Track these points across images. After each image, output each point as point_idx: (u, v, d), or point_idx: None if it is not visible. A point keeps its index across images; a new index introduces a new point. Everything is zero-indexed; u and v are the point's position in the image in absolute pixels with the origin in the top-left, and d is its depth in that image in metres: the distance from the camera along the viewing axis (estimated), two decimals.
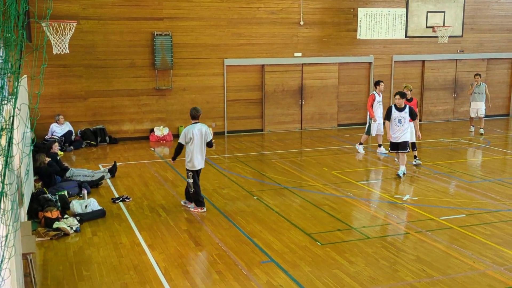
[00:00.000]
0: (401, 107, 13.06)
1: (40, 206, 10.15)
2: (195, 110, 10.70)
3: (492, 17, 21.82)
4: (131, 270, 8.03)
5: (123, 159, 15.32)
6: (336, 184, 12.54)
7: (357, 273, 7.83)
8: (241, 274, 7.86)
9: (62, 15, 16.48)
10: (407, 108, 13.05)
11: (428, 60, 21.35)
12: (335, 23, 19.80)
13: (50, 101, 17.11)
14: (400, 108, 13.07)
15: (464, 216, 10.32)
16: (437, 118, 21.76)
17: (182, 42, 18.15)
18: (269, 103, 19.52)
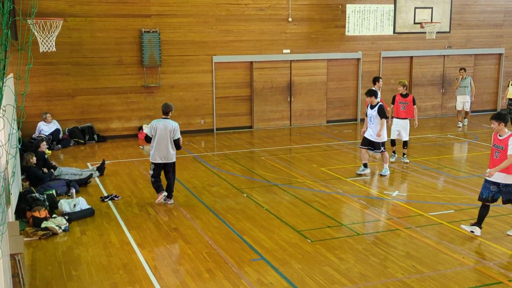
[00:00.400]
0: (372, 105, 12.87)
1: (28, 205, 10.06)
2: (165, 106, 10.97)
3: (479, 12, 21.92)
4: (121, 269, 7.99)
5: (112, 157, 15.23)
6: (326, 181, 12.55)
7: (347, 270, 7.84)
8: (232, 272, 7.84)
9: (49, 12, 16.33)
10: (377, 107, 12.77)
11: (416, 56, 21.40)
12: (323, 19, 19.79)
13: (37, 99, 16.96)
14: (372, 106, 12.88)
15: (453, 212, 10.37)
16: (426, 114, 21.83)
17: (170, 39, 18.07)
18: (258, 100, 19.49)
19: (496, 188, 8.88)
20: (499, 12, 22.25)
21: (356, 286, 7.35)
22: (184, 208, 10.74)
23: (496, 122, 8.79)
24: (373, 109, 12.82)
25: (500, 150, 8.76)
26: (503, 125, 8.78)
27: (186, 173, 13.46)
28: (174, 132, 10.68)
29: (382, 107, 12.82)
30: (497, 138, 8.86)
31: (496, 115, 8.84)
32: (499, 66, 22.77)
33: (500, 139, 8.79)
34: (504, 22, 22.41)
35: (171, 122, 10.74)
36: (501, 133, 8.82)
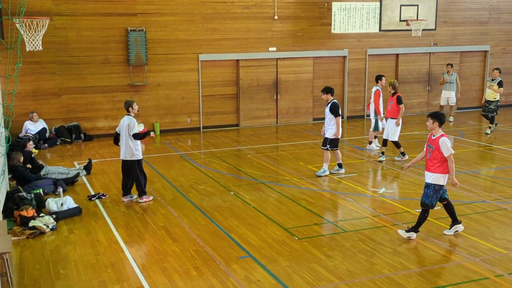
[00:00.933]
0: (327, 102, 12.79)
1: (15, 204, 10.02)
2: (124, 102, 11.22)
3: (465, 10, 22.09)
4: (109, 268, 7.99)
5: (99, 156, 15.19)
6: (313, 178, 12.60)
7: (334, 267, 7.90)
8: (219, 269, 7.87)
9: (35, 11, 16.22)
10: (330, 104, 12.67)
11: (402, 54, 21.53)
12: (309, 17, 19.84)
13: (24, 98, 16.85)
14: (327, 103, 12.84)
15: (439, 208, 10.43)
16: (412, 111, 21.96)
17: (156, 37, 18.03)
18: (244, 98, 19.51)
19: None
20: (484, 10, 22.44)
21: (343, 282, 7.41)
22: (171, 207, 10.75)
23: (431, 119, 8.73)
24: (327, 106, 12.80)
25: (431, 150, 8.73)
26: (437, 124, 8.68)
27: (173, 171, 13.46)
28: (129, 127, 10.79)
29: (334, 104, 12.63)
30: (430, 138, 8.81)
31: (433, 113, 8.78)
32: (485, 63, 22.97)
33: (432, 139, 8.74)
34: (489, 20, 22.61)
35: (128, 118, 10.92)
36: (435, 133, 8.75)
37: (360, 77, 21.10)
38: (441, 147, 8.58)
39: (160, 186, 12.23)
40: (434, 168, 8.66)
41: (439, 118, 8.72)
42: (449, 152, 8.56)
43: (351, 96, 21.09)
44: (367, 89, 21.19)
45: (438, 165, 8.63)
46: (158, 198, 11.28)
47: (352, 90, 21.07)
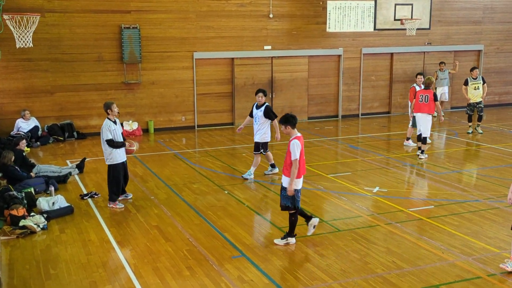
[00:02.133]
0: (260, 104, 12.23)
1: (5, 203, 9.93)
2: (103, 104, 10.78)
3: (459, 9, 22.08)
4: (100, 268, 7.91)
5: (92, 154, 15.09)
6: (307, 177, 12.53)
7: (328, 266, 7.85)
8: (212, 269, 7.81)
9: (26, 7, 16.12)
10: (263, 107, 12.15)
11: (396, 53, 21.51)
12: (304, 15, 19.79)
13: (16, 96, 16.75)
14: (258, 105, 12.26)
15: (432, 208, 10.43)
16: (407, 110, 21.90)
17: (151, 35, 17.94)
18: (239, 96, 19.44)
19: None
20: (478, 9, 22.45)
21: (337, 282, 7.36)
22: (165, 206, 10.67)
23: (283, 126, 8.57)
24: (259, 109, 12.23)
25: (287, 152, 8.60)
26: (290, 128, 8.53)
27: (166, 170, 13.38)
28: (102, 132, 10.43)
29: (269, 108, 12.23)
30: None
31: (282, 118, 8.58)
32: (479, 62, 22.97)
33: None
34: (483, 19, 22.61)
35: (104, 122, 10.48)
36: (291, 135, 8.59)
37: (355, 76, 21.07)
38: (290, 149, 8.42)
39: (154, 185, 12.15)
40: (287, 172, 8.49)
41: (288, 121, 8.51)
42: (295, 156, 8.34)
43: (346, 95, 21.06)
44: (362, 88, 21.17)
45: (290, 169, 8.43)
46: (152, 197, 11.21)
47: (347, 89, 21.03)
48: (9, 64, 16.40)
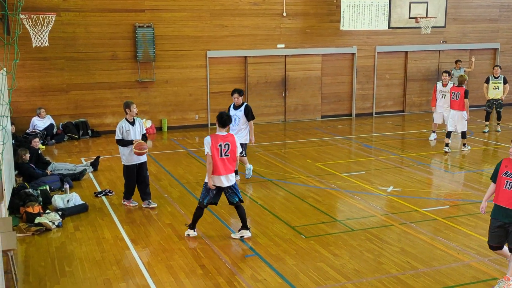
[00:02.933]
0: (238, 105, 11.87)
1: (21, 201, 10.00)
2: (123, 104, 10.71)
3: (475, 7, 21.89)
4: (114, 266, 7.95)
5: (106, 152, 15.16)
6: (320, 176, 12.52)
7: (341, 266, 7.82)
8: (225, 268, 7.81)
9: (42, 7, 16.23)
10: (243, 107, 11.84)
11: (411, 51, 21.36)
12: (318, 14, 19.73)
13: (31, 94, 16.88)
14: (236, 106, 11.90)
15: (448, 208, 10.36)
16: (421, 109, 21.82)
17: (164, 34, 17.98)
18: (252, 95, 19.44)
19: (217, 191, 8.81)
20: (495, 7, 22.23)
21: (350, 282, 7.34)
22: (178, 204, 10.70)
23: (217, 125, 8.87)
24: (238, 109, 11.86)
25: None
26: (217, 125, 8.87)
27: (180, 168, 13.41)
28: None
29: (249, 107, 11.93)
30: None
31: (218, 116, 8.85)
32: (495, 61, 22.74)
33: None
34: (500, 17, 22.40)
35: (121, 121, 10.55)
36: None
37: (369, 75, 20.98)
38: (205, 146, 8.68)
39: (167, 183, 12.19)
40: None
41: (218, 121, 8.86)
42: (205, 151, 8.64)
43: (360, 94, 20.97)
44: (376, 87, 21.08)
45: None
46: (165, 195, 11.24)
47: (361, 87, 20.95)
48: (25, 63, 16.52)
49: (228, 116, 8.94)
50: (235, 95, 11.83)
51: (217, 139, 8.68)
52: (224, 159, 8.64)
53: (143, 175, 10.57)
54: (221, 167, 8.62)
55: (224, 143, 8.66)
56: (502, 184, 6.96)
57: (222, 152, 8.63)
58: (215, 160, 8.59)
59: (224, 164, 8.64)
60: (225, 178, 8.67)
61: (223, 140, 8.69)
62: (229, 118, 8.95)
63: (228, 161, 8.67)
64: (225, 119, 8.86)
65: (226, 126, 8.91)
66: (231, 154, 8.68)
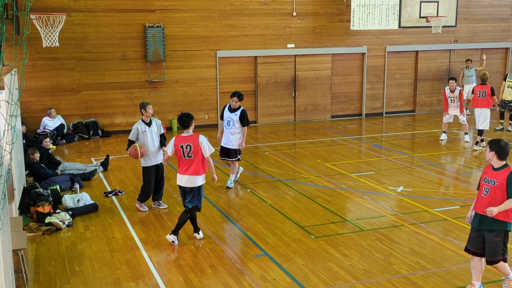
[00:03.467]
0: (234, 108, 11.50)
1: (32, 200, 10.06)
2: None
3: (486, 6, 21.75)
4: (124, 265, 7.97)
5: (116, 152, 15.21)
6: (330, 176, 12.49)
7: (351, 266, 7.79)
8: (235, 268, 7.81)
9: (53, 7, 16.32)
10: (239, 111, 11.45)
11: (421, 51, 21.27)
12: (328, 13, 19.69)
13: (42, 94, 16.97)
14: (233, 109, 11.52)
15: (458, 208, 10.30)
16: (431, 109, 21.72)
17: (174, 34, 18.02)
18: (262, 95, 19.43)
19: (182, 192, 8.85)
20: (506, 6, 22.08)
21: (360, 282, 7.31)
22: None
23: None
24: (233, 112, 11.50)
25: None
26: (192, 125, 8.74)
27: None
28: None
29: (245, 112, 11.53)
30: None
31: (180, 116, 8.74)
32: (506, 60, 22.61)
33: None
34: (511, 16, 22.23)
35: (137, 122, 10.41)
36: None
37: (379, 74, 20.90)
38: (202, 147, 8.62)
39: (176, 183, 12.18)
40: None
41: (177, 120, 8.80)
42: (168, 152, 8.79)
43: (370, 94, 20.91)
44: (386, 86, 21.00)
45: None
46: (175, 195, 11.26)
47: (371, 87, 20.88)
48: (35, 63, 16.61)
49: (187, 116, 8.68)
50: (235, 98, 11.45)
51: (179, 140, 8.62)
52: (187, 160, 8.56)
53: (159, 176, 10.46)
54: (184, 167, 8.59)
55: (185, 144, 8.54)
56: (481, 191, 6.72)
57: (184, 153, 8.56)
58: (179, 161, 8.63)
59: (188, 166, 8.56)
60: (186, 178, 8.60)
61: (184, 141, 8.58)
62: (188, 118, 8.65)
63: (192, 162, 8.54)
64: (184, 119, 8.64)
65: (186, 127, 8.64)
66: (194, 155, 8.51)
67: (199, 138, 8.59)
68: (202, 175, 8.65)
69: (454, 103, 15.77)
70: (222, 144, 11.73)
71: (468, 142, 15.84)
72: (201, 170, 8.60)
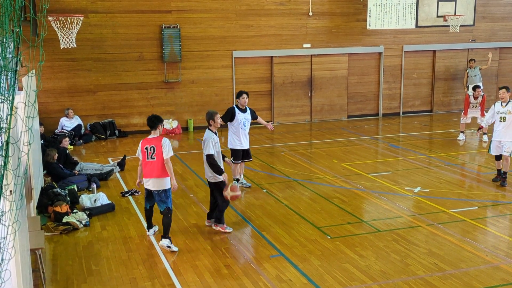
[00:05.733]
0: (244, 108, 11.36)
1: (49, 200, 10.15)
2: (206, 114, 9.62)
3: (505, 5, 21.52)
4: (140, 265, 8.00)
5: (132, 152, 15.25)
6: (346, 177, 12.43)
7: (367, 267, 7.75)
8: (250, 268, 7.80)
9: (71, 9, 16.45)
10: (249, 110, 11.41)
11: (439, 50, 21.10)
12: (344, 13, 19.61)
13: (60, 95, 17.12)
14: (243, 109, 11.36)
15: (476, 209, 10.19)
16: (449, 109, 21.55)
17: (191, 34, 18.07)
18: (278, 95, 19.41)
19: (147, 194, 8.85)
20: None
21: (376, 283, 7.26)
22: (203, 204, 10.73)
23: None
24: (246, 112, 11.34)
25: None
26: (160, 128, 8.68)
27: None
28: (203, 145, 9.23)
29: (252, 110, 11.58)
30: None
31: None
32: None
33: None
34: None
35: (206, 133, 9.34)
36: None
37: (396, 74, 20.78)
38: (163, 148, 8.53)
39: (193, 183, 12.24)
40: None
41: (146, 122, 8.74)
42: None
43: (387, 93, 20.79)
44: (403, 86, 20.87)
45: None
46: (191, 195, 11.29)
47: (388, 87, 20.76)
48: (53, 64, 16.76)
49: (156, 117, 8.67)
50: (245, 95, 11.30)
51: (145, 142, 8.65)
52: (149, 162, 8.55)
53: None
54: (147, 169, 8.58)
55: (150, 146, 8.54)
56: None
57: (148, 155, 8.56)
58: (143, 163, 8.64)
59: (151, 168, 8.54)
60: (150, 182, 8.60)
61: (149, 143, 8.60)
62: (156, 120, 8.63)
63: (154, 164, 8.51)
64: (152, 120, 8.64)
65: (154, 128, 8.62)
66: (156, 157, 8.49)
67: (162, 140, 8.55)
68: (167, 177, 8.60)
69: (475, 108, 15.81)
70: (242, 148, 11.38)
71: (487, 142, 15.68)
72: (165, 173, 8.57)
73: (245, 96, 11.35)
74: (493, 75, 21.80)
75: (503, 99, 11.48)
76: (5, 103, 3.14)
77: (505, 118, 11.30)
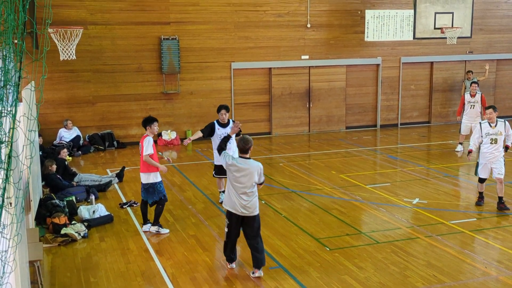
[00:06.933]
0: (224, 123, 11.03)
1: (48, 212, 10.14)
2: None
3: (501, 17, 21.65)
4: (139, 277, 7.99)
5: (131, 163, 15.29)
6: (345, 188, 12.45)
7: (366, 279, 7.74)
8: (249, 280, 7.79)
9: (70, 20, 16.52)
10: (230, 123, 10.93)
11: (436, 62, 21.20)
12: (342, 25, 19.71)
13: (58, 106, 17.14)
14: (224, 123, 11.03)
15: (475, 220, 10.20)
16: (447, 120, 21.60)
17: (189, 46, 18.14)
18: (277, 106, 19.46)
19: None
20: None
21: None
22: (202, 215, 10.73)
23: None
24: (227, 127, 10.90)
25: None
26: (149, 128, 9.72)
27: (204, 179, 13.45)
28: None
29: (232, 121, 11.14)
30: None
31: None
32: None
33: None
34: None
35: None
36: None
37: (394, 85, 20.86)
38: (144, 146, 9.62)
39: (191, 194, 12.24)
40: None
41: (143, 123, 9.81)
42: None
43: (385, 105, 20.86)
44: (401, 97, 20.94)
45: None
46: (189, 207, 11.28)
47: (386, 98, 20.83)
48: (52, 76, 16.79)
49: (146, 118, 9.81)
50: (223, 111, 10.97)
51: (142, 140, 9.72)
52: (140, 158, 9.72)
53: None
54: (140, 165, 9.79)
55: (139, 145, 9.76)
56: None
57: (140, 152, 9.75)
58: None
59: (140, 163, 9.76)
60: (141, 175, 9.75)
61: (140, 141, 9.77)
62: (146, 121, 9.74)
63: (141, 160, 9.70)
64: (143, 120, 9.82)
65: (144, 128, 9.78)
66: (141, 154, 9.60)
67: (144, 139, 9.62)
68: (151, 172, 9.57)
69: (474, 108, 15.50)
70: (218, 163, 10.60)
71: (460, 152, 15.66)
72: (149, 168, 9.58)
73: (223, 111, 10.99)
74: (490, 86, 21.88)
75: (490, 120, 10.84)
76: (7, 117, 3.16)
77: (496, 140, 10.69)
